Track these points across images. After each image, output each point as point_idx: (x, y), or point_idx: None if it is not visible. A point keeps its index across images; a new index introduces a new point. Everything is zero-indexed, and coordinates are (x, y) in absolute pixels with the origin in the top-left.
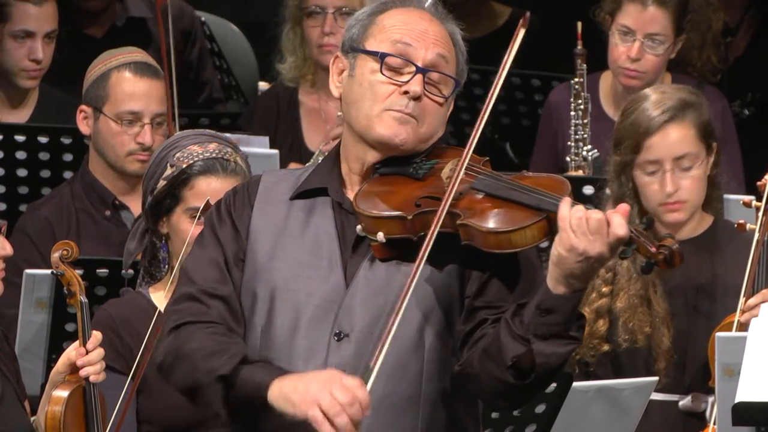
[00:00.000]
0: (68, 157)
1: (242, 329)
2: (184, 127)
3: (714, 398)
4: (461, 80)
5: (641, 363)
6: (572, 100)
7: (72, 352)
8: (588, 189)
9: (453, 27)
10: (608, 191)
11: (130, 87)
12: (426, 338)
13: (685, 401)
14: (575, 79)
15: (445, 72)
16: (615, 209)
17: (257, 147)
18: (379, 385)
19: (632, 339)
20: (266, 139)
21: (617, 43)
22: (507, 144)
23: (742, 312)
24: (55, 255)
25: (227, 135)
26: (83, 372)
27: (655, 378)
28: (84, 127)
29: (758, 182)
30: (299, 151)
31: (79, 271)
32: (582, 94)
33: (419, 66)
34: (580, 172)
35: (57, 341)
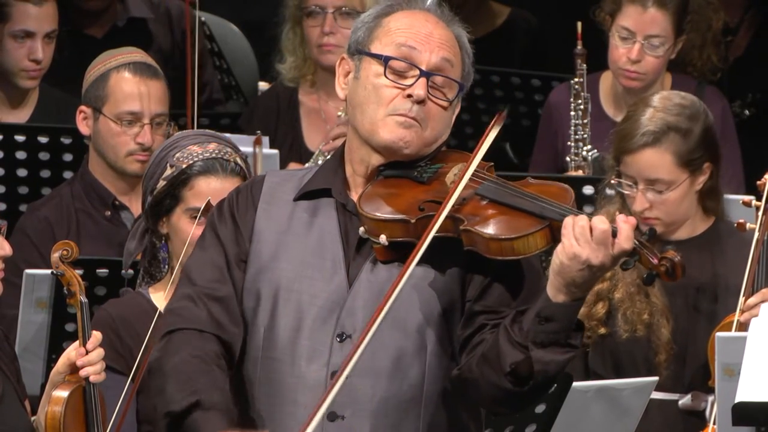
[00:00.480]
0: (68, 157)
1: (240, 330)
2: (184, 128)
3: (714, 397)
4: (467, 83)
5: (641, 358)
6: (572, 100)
7: (72, 352)
8: (588, 189)
9: (459, 30)
10: (609, 191)
11: (130, 87)
12: (428, 341)
13: (685, 400)
14: (575, 79)
15: (450, 76)
16: (623, 220)
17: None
18: (381, 388)
19: (632, 329)
20: (266, 139)
21: (617, 45)
22: (507, 144)
23: (742, 312)
24: (55, 255)
25: (231, 135)
26: (83, 372)
27: (655, 378)
28: (84, 128)
29: (758, 182)
30: (299, 151)
31: (79, 271)
32: (582, 94)
33: (423, 70)
34: (580, 172)
35: (57, 341)
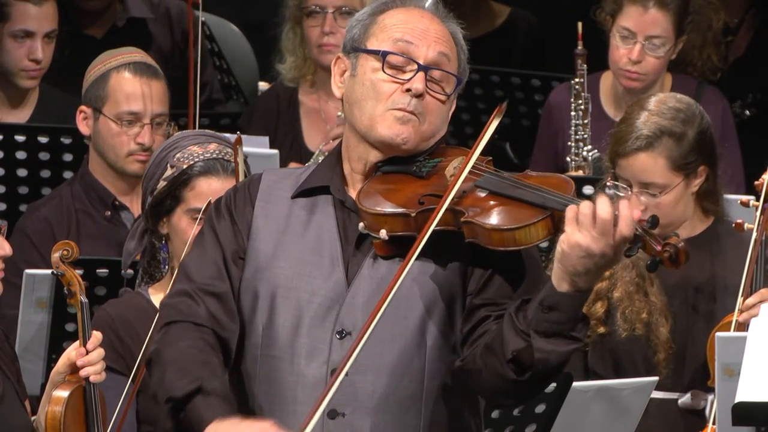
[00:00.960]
0: (68, 157)
1: (237, 327)
2: (184, 128)
3: (713, 396)
4: (464, 78)
5: (640, 357)
6: (572, 101)
7: (72, 352)
8: (588, 189)
9: (454, 26)
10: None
11: (130, 87)
12: (428, 336)
13: (685, 398)
14: (575, 80)
15: (447, 70)
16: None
17: (257, 147)
18: (382, 384)
19: (631, 328)
20: (266, 139)
21: (618, 45)
22: (507, 144)
23: (741, 311)
24: (56, 255)
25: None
26: (83, 372)
27: (655, 378)
28: (84, 128)
29: (756, 182)
30: (299, 151)
31: (79, 271)
32: (582, 95)
33: (421, 64)
34: (580, 172)
35: (57, 341)
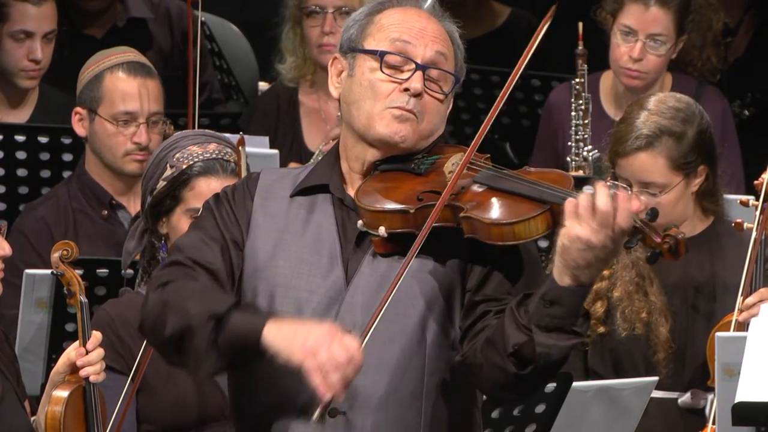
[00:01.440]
0: (68, 157)
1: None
2: (183, 127)
3: (713, 396)
4: (461, 77)
5: (640, 357)
6: (573, 101)
7: (72, 352)
8: (588, 189)
9: (450, 25)
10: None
11: (124, 87)
12: (428, 334)
13: (685, 398)
14: (576, 80)
15: (445, 69)
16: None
17: (257, 147)
18: (383, 383)
19: (631, 327)
20: (266, 139)
21: (619, 43)
22: (507, 144)
23: (740, 311)
24: (55, 255)
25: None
26: (83, 372)
27: (655, 378)
28: (80, 129)
29: (755, 181)
30: (299, 151)
31: (79, 271)
32: (582, 95)
33: (419, 63)
34: (581, 172)
35: (57, 341)
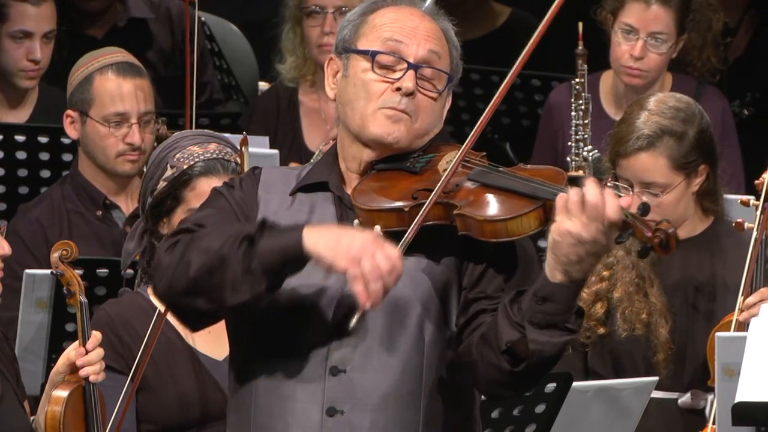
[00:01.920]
0: (68, 157)
1: None
2: (184, 128)
3: (713, 396)
4: (456, 75)
5: (640, 357)
6: (573, 101)
7: (71, 352)
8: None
9: (445, 23)
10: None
11: (115, 88)
12: (426, 332)
13: (685, 398)
14: (576, 80)
15: (438, 67)
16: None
17: (257, 147)
18: (381, 381)
19: (631, 327)
20: (266, 139)
21: (620, 42)
22: (507, 144)
23: (741, 311)
24: (55, 255)
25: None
26: (83, 372)
27: (655, 378)
28: (72, 132)
29: (756, 181)
30: (299, 151)
31: (79, 271)
32: (582, 95)
33: (411, 62)
34: (581, 172)
35: (57, 341)
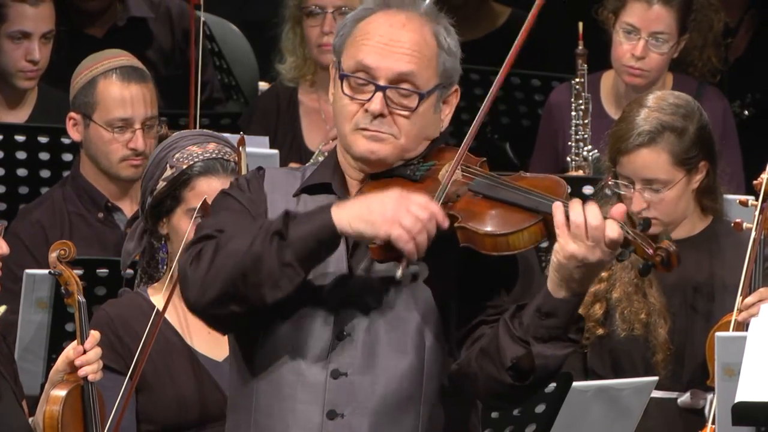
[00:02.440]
0: (68, 157)
1: None
2: (184, 128)
3: (712, 396)
4: (447, 81)
5: (639, 357)
6: (573, 101)
7: (70, 352)
8: (588, 189)
9: (438, 27)
10: (607, 191)
11: (118, 94)
12: (426, 338)
13: (685, 398)
14: (576, 79)
15: (409, 87)
16: (610, 213)
17: (257, 147)
18: (381, 385)
19: (630, 327)
20: (266, 139)
21: (621, 42)
22: (507, 144)
23: (739, 311)
24: (53, 255)
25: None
26: (81, 371)
27: (655, 378)
28: (74, 134)
29: (754, 181)
30: (299, 151)
31: (79, 271)
32: (583, 94)
33: (379, 84)
34: (581, 172)
35: (57, 341)
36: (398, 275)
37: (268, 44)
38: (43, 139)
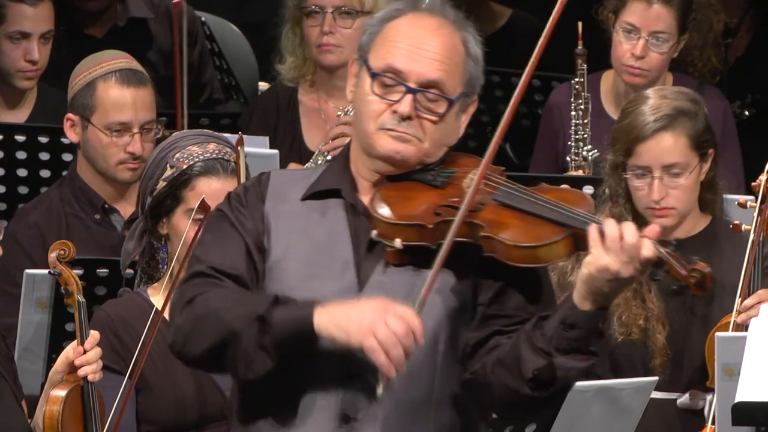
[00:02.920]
0: (68, 157)
1: None
2: (185, 128)
3: (712, 396)
4: (471, 91)
5: (638, 360)
6: (573, 100)
7: (70, 352)
8: (588, 189)
9: (467, 35)
10: (607, 190)
11: (118, 97)
12: (439, 344)
13: (684, 398)
14: (576, 79)
15: (439, 92)
16: (644, 231)
17: (257, 147)
18: (393, 389)
19: (627, 332)
20: (266, 139)
21: (621, 41)
22: (507, 144)
23: (739, 313)
24: (53, 255)
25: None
26: (81, 371)
27: (655, 378)
28: (72, 135)
29: (753, 183)
30: (299, 151)
31: (79, 271)
32: (582, 94)
33: (409, 86)
34: (581, 172)
35: (57, 341)
36: (378, 392)
37: (268, 44)
38: (43, 139)
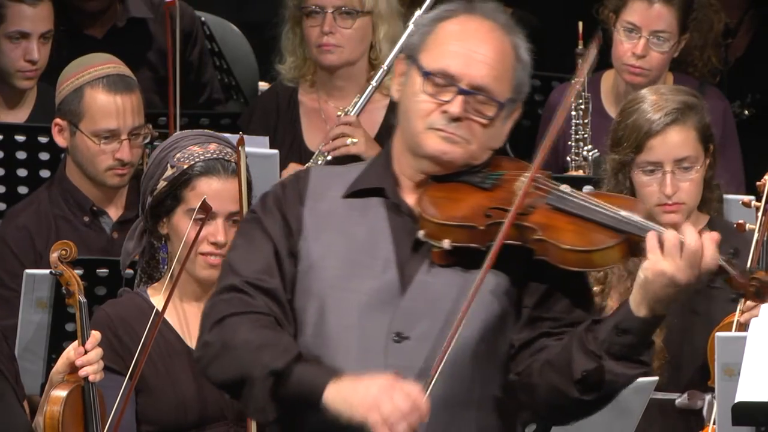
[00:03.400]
0: None
1: (291, 325)
2: (185, 128)
3: (711, 397)
4: (520, 96)
5: None
6: (573, 100)
7: (71, 352)
8: (588, 189)
9: (517, 40)
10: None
11: (105, 105)
12: (482, 345)
13: (682, 399)
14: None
15: (490, 95)
16: (709, 238)
17: (257, 147)
18: (436, 388)
19: None
20: (266, 139)
21: (622, 40)
22: (507, 144)
23: (741, 312)
24: (54, 255)
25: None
26: (82, 372)
27: (655, 378)
28: (60, 140)
29: (758, 182)
30: (299, 151)
31: (79, 271)
32: (583, 94)
33: (461, 88)
34: (581, 172)
35: (57, 341)
36: None
37: (268, 44)
38: (43, 139)
